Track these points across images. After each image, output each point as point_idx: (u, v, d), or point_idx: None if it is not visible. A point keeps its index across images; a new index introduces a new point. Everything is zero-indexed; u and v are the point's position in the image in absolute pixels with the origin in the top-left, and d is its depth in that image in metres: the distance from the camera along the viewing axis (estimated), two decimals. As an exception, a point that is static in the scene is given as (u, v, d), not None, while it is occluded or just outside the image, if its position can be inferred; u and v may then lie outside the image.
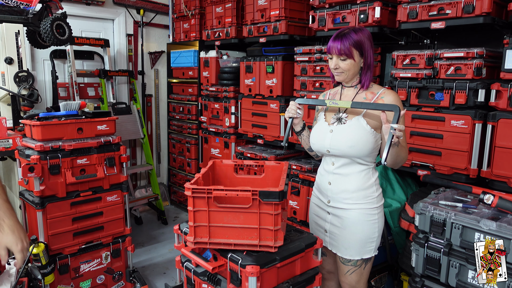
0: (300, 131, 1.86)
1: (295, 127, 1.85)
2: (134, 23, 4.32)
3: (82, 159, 2.43)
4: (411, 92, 2.23)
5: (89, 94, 3.92)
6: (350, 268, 1.76)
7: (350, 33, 1.64)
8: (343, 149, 1.66)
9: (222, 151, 3.69)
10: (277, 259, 1.45)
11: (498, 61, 2.08)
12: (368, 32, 1.67)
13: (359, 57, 1.65)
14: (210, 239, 1.48)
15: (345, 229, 1.73)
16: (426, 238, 1.70)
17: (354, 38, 1.62)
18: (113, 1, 4.11)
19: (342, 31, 1.67)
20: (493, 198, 1.60)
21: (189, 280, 1.67)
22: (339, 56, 1.66)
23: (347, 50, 1.63)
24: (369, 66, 1.67)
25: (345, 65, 1.66)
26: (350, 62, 1.65)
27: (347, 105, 1.64)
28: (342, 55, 1.65)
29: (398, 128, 1.46)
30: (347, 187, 1.71)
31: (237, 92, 3.55)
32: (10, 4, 2.82)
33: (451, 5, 2.07)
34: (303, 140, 1.89)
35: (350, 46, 1.62)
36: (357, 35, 1.63)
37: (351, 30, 1.65)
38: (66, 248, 2.42)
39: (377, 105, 1.58)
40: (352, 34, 1.63)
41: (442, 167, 2.13)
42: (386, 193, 2.49)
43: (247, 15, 3.26)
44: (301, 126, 1.84)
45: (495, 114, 1.93)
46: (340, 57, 1.66)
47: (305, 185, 2.69)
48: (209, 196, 1.43)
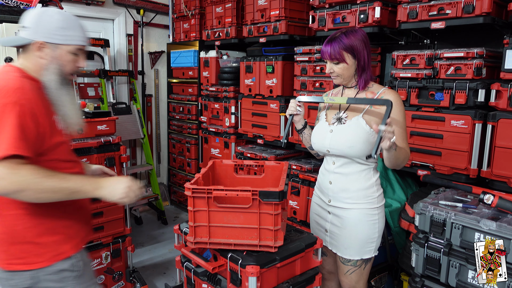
0: (301, 129, 1.86)
1: (296, 125, 1.85)
2: (134, 23, 4.32)
3: (82, 159, 2.43)
4: (411, 92, 2.23)
5: (89, 94, 3.92)
6: (350, 268, 1.76)
7: (340, 37, 1.63)
8: (342, 149, 1.66)
9: (222, 151, 3.69)
10: (277, 259, 1.45)
11: (498, 61, 2.08)
12: (361, 34, 1.65)
13: (352, 59, 1.64)
14: (210, 239, 1.48)
15: (345, 229, 1.73)
16: (426, 238, 1.70)
17: (345, 42, 1.61)
18: (113, 1, 4.11)
19: (333, 35, 1.66)
20: (493, 198, 1.60)
21: (189, 280, 1.67)
22: (331, 60, 1.66)
23: (338, 54, 1.63)
24: (364, 68, 1.66)
25: (339, 69, 1.67)
26: (343, 66, 1.65)
27: (343, 101, 1.64)
28: (334, 60, 1.65)
29: (386, 130, 1.42)
30: (347, 187, 1.71)
31: (237, 92, 3.55)
32: (10, 4, 2.83)
33: (451, 5, 2.07)
34: (304, 139, 1.89)
35: (341, 50, 1.62)
36: (348, 39, 1.62)
37: (342, 34, 1.64)
38: (66, 248, 2.42)
39: (370, 100, 1.60)
40: (342, 38, 1.62)
41: (442, 167, 2.13)
42: (386, 193, 2.49)
43: (247, 15, 3.26)
44: (302, 124, 1.85)
45: (495, 114, 1.93)
46: (332, 61, 1.67)
47: (305, 185, 2.69)
48: (209, 196, 1.44)
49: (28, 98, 1.22)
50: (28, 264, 1.30)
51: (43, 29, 1.30)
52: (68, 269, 1.36)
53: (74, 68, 1.37)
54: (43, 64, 1.32)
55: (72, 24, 1.34)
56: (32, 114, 1.21)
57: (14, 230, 1.29)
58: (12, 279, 1.31)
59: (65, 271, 1.35)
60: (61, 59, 1.33)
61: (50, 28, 1.30)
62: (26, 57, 1.34)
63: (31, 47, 1.31)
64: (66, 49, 1.33)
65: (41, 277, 1.32)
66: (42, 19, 1.30)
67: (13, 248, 1.30)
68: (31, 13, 1.32)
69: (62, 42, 1.31)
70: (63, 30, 1.31)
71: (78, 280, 1.38)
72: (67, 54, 1.34)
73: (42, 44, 1.30)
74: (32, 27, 1.30)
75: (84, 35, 1.38)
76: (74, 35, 1.34)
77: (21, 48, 1.35)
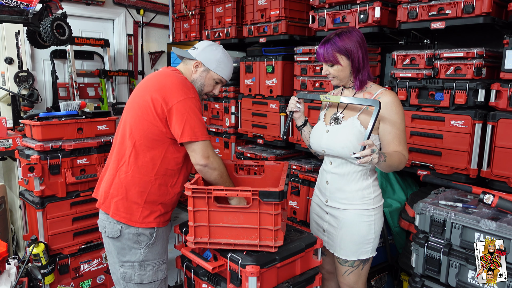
0: (301, 126, 1.86)
1: (296, 121, 1.86)
2: (134, 23, 4.32)
3: (82, 159, 2.44)
4: (411, 92, 2.23)
5: (89, 94, 3.93)
6: (347, 269, 1.76)
7: (334, 38, 1.63)
8: (336, 149, 1.66)
9: (222, 151, 3.69)
10: (277, 259, 1.45)
11: (498, 61, 2.08)
12: (356, 34, 1.63)
13: (346, 60, 1.63)
14: (210, 239, 1.48)
15: (341, 229, 1.73)
16: (426, 238, 1.70)
17: (338, 44, 1.61)
18: (113, 1, 4.11)
19: (328, 37, 1.66)
20: (493, 198, 1.60)
21: (189, 280, 1.67)
22: (326, 62, 1.67)
23: (331, 56, 1.63)
24: (359, 69, 1.65)
25: (333, 70, 1.66)
26: (338, 68, 1.65)
27: (337, 100, 1.64)
28: (328, 62, 1.65)
29: (362, 154, 1.39)
30: (343, 187, 1.71)
31: (237, 92, 3.55)
32: (10, 4, 2.83)
33: (451, 5, 2.07)
34: (304, 136, 1.89)
35: (334, 52, 1.62)
36: (341, 40, 1.61)
37: (336, 36, 1.63)
38: (66, 248, 2.43)
39: (359, 100, 1.59)
40: (336, 40, 1.62)
41: (442, 167, 2.13)
42: (386, 193, 2.49)
43: (247, 15, 3.26)
44: (302, 121, 1.85)
45: (495, 114, 1.93)
46: (327, 63, 1.67)
47: (305, 185, 2.69)
48: (209, 196, 1.44)
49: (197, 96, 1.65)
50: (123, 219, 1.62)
51: (206, 55, 1.71)
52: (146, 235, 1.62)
53: (210, 91, 1.75)
54: (194, 77, 1.71)
55: (226, 63, 1.73)
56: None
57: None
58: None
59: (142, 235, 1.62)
60: (206, 80, 1.72)
61: (211, 57, 1.71)
62: (185, 67, 1.74)
63: (192, 62, 1.72)
64: (213, 76, 1.72)
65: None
66: (209, 49, 1.72)
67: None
68: (204, 43, 1.76)
69: (213, 69, 1.71)
70: (218, 62, 1.71)
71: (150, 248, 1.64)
72: (211, 79, 1.72)
73: (199, 64, 1.70)
74: (199, 50, 1.72)
75: (230, 74, 1.77)
76: (223, 69, 1.73)
77: (183, 59, 1.78)
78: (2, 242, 1.87)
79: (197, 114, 1.58)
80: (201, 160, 1.55)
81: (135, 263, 1.62)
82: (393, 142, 1.61)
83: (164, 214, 1.67)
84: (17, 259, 2.07)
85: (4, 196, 2.76)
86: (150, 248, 1.62)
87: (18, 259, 2.09)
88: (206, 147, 1.56)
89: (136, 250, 1.61)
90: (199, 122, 1.57)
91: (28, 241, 2.43)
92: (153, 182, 1.60)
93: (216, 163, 1.58)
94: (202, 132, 1.56)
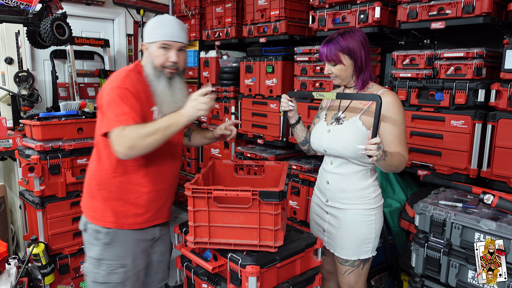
0: (294, 124, 1.85)
1: (290, 120, 1.85)
2: (134, 23, 4.32)
3: (82, 159, 2.44)
4: (411, 92, 2.23)
5: (89, 94, 3.92)
6: (347, 269, 1.76)
7: (337, 38, 1.63)
8: (338, 149, 1.66)
9: (222, 151, 3.69)
10: (277, 259, 1.45)
11: (498, 61, 2.08)
12: (359, 34, 1.64)
13: (349, 60, 1.64)
14: (210, 239, 1.48)
15: (342, 229, 1.73)
16: (426, 238, 1.70)
17: (341, 43, 1.61)
18: (113, 1, 4.11)
19: (331, 36, 1.66)
20: (493, 198, 1.60)
21: (189, 280, 1.67)
22: (328, 62, 1.67)
23: (334, 56, 1.63)
24: (361, 68, 1.65)
25: (336, 70, 1.67)
26: (340, 67, 1.65)
27: (333, 96, 1.64)
28: (331, 61, 1.65)
29: (367, 148, 1.41)
30: (344, 187, 1.71)
31: (237, 92, 3.55)
32: (10, 4, 2.82)
33: (451, 5, 2.07)
34: (296, 134, 1.88)
35: (337, 52, 1.62)
36: (344, 40, 1.61)
37: (339, 35, 1.64)
38: (66, 248, 2.43)
39: (359, 95, 1.59)
40: (338, 39, 1.62)
41: (442, 167, 2.13)
42: (386, 193, 2.49)
43: (247, 15, 3.26)
44: (296, 119, 1.84)
45: (495, 114, 1.93)
46: (330, 63, 1.67)
47: (305, 185, 2.69)
48: (209, 196, 1.44)
49: (132, 84, 1.50)
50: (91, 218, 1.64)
51: (144, 34, 1.60)
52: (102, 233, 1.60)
53: (164, 61, 1.54)
54: (143, 60, 1.60)
55: (160, 24, 1.55)
56: (135, 95, 1.48)
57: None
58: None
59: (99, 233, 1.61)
60: (152, 55, 1.55)
61: (146, 30, 1.58)
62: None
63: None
64: (155, 46, 1.54)
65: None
66: (145, 27, 1.59)
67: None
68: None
69: (152, 40, 1.55)
70: (152, 29, 1.55)
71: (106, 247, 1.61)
72: (156, 49, 1.54)
73: (144, 45, 1.59)
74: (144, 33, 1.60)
75: (171, 31, 1.54)
76: (159, 32, 1.53)
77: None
78: (2, 242, 1.87)
79: (118, 102, 1.44)
80: (118, 152, 1.42)
81: (92, 259, 1.63)
82: (393, 143, 1.61)
83: (135, 216, 1.62)
84: (17, 259, 2.07)
85: (4, 196, 2.76)
86: (106, 247, 1.60)
87: (18, 259, 2.09)
88: (116, 136, 1.41)
89: (95, 246, 1.62)
90: (116, 110, 1.43)
91: (28, 241, 2.43)
92: (111, 180, 1.58)
93: (119, 141, 1.40)
94: (116, 120, 1.42)
